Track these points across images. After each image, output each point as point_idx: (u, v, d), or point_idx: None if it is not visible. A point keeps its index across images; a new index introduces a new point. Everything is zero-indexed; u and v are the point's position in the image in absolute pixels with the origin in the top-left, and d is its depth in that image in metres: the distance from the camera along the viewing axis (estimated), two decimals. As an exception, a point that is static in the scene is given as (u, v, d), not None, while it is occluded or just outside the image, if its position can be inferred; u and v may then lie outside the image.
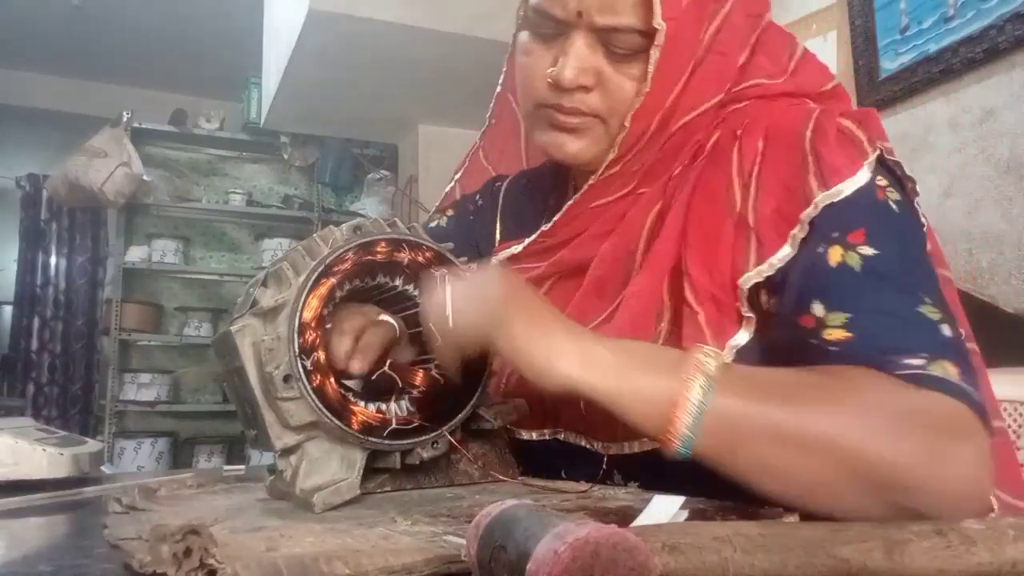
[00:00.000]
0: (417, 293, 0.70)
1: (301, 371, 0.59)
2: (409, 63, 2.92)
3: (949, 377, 0.57)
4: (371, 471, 0.65)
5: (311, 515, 0.57)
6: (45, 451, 0.80)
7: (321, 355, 0.61)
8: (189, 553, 0.39)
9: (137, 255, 4.34)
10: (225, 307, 4.60)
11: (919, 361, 0.57)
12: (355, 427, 0.62)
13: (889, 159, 0.69)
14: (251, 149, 4.78)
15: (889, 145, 0.69)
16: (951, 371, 0.57)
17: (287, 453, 0.62)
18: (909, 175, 0.70)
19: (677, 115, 0.73)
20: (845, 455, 0.54)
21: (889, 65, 1.76)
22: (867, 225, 0.64)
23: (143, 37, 4.34)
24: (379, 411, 0.64)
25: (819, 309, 0.63)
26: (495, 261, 0.89)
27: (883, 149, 0.68)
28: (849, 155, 0.67)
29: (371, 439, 0.62)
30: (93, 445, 0.89)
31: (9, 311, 5.07)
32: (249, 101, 4.36)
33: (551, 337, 0.58)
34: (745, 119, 0.73)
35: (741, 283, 0.66)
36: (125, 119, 4.14)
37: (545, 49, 0.74)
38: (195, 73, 4.69)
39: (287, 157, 4.58)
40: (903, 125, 1.73)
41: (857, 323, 0.61)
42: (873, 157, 0.67)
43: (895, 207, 0.66)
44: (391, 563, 0.41)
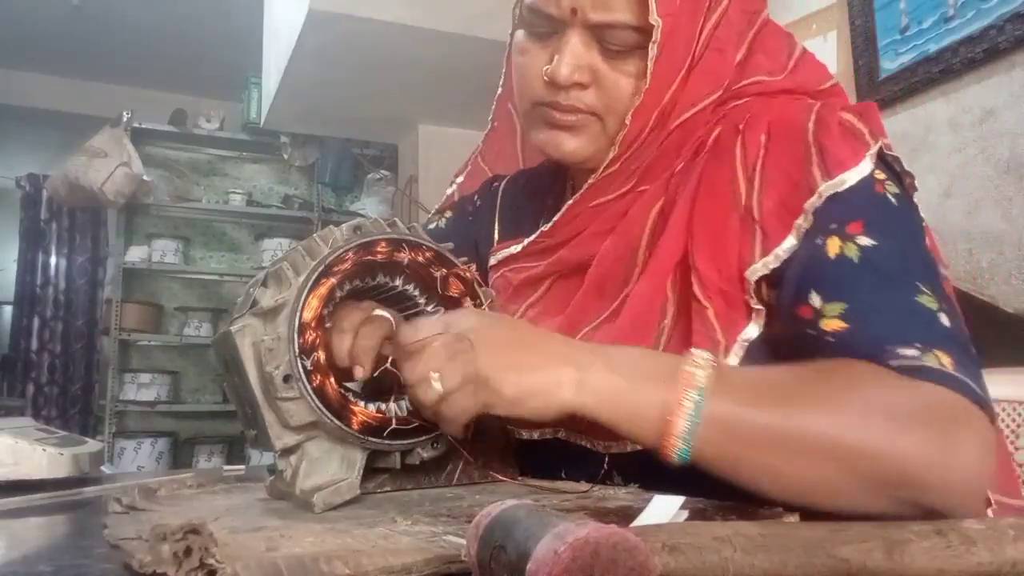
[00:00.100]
0: (417, 293, 0.70)
1: (301, 371, 0.59)
2: (409, 63, 2.92)
3: (943, 367, 0.57)
4: (371, 471, 0.65)
5: (311, 515, 0.57)
6: (45, 451, 0.80)
7: (321, 355, 0.61)
8: (189, 553, 0.39)
9: (137, 255, 4.34)
10: (225, 307, 4.60)
11: (913, 352, 0.57)
12: (355, 427, 0.62)
13: (888, 154, 0.69)
14: (251, 149, 4.78)
15: (888, 141, 0.70)
16: (945, 361, 0.57)
17: (287, 453, 0.62)
18: (907, 170, 0.71)
19: (676, 112, 0.73)
20: (846, 455, 0.54)
21: (889, 65, 1.76)
22: (866, 216, 0.64)
23: (143, 37, 4.34)
24: (379, 411, 0.64)
25: (817, 300, 0.63)
26: (494, 261, 0.89)
27: (883, 144, 0.68)
28: (852, 146, 0.67)
29: (371, 439, 0.62)
30: (93, 445, 0.89)
31: (9, 311, 5.07)
32: (249, 101, 4.36)
33: (538, 372, 0.57)
34: (746, 115, 0.73)
35: (748, 275, 0.67)
36: (125, 119, 4.14)
37: (540, 47, 0.74)
38: (195, 73, 4.69)
39: (287, 157, 4.58)
40: (903, 125, 1.73)
41: (853, 313, 0.61)
42: (875, 148, 0.67)
43: (894, 200, 0.67)
44: (391, 563, 0.41)
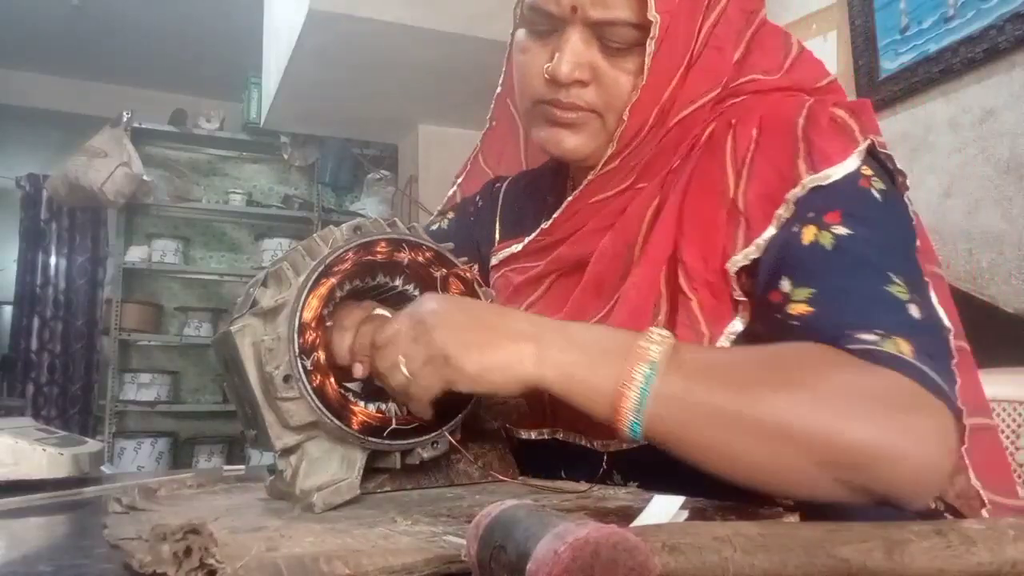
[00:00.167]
0: (417, 293, 0.70)
1: (301, 371, 0.59)
2: (409, 63, 2.92)
3: (902, 354, 0.57)
4: (371, 471, 0.65)
5: (311, 515, 0.57)
6: (45, 451, 0.80)
7: (321, 355, 0.61)
8: (189, 553, 0.39)
9: (137, 255, 4.34)
10: (225, 307, 4.60)
11: (873, 337, 0.57)
12: (355, 427, 0.62)
13: (881, 152, 0.69)
14: (251, 149, 4.78)
15: (882, 139, 0.70)
16: (905, 348, 0.57)
17: (287, 453, 0.62)
18: (900, 168, 0.71)
19: (675, 109, 0.74)
20: (794, 435, 0.54)
21: (889, 65, 1.76)
22: (844, 207, 0.64)
23: (143, 37, 4.34)
24: (379, 411, 0.64)
25: (786, 285, 0.63)
26: (495, 261, 0.89)
27: (875, 141, 0.68)
28: (840, 142, 0.67)
29: (371, 439, 0.62)
30: (93, 445, 0.89)
31: (9, 311, 5.06)
32: (249, 101, 4.35)
33: (499, 348, 0.58)
34: (741, 111, 0.74)
35: (728, 266, 0.67)
36: (125, 119, 4.13)
37: (541, 46, 0.74)
38: (195, 73, 4.69)
39: (287, 157, 4.58)
40: (903, 125, 1.73)
41: (819, 298, 0.61)
42: (864, 146, 0.67)
43: (877, 195, 0.67)
44: (391, 563, 0.41)
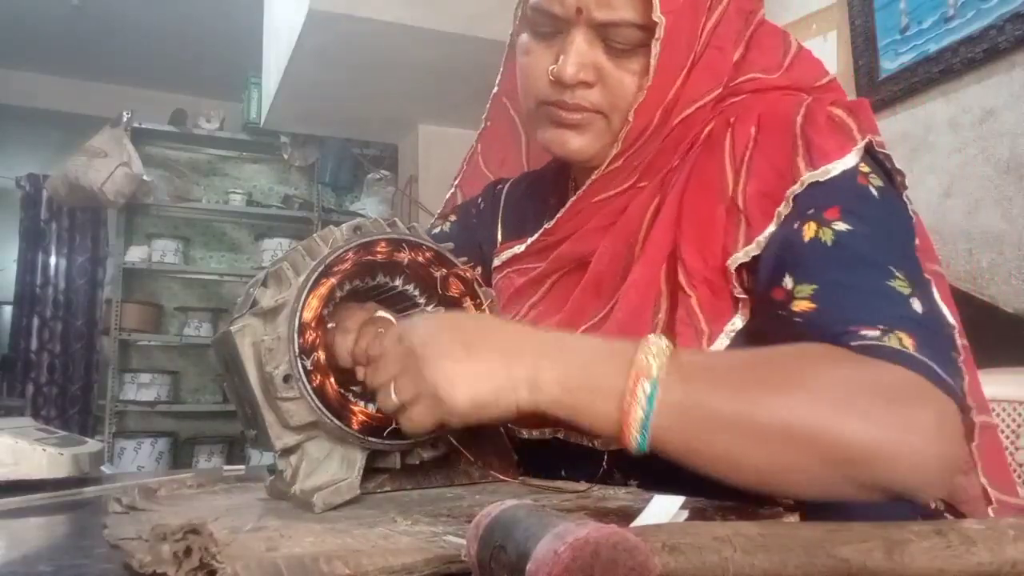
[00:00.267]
0: (417, 293, 0.70)
1: (301, 371, 0.59)
2: (409, 63, 2.92)
3: (904, 348, 0.57)
4: (371, 471, 0.65)
5: (311, 515, 0.57)
6: (45, 451, 0.80)
7: (321, 355, 0.61)
8: (189, 553, 0.39)
9: (137, 255, 4.33)
10: (225, 307, 4.60)
11: (875, 332, 0.57)
12: (355, 427, 0.62)
13: (879, 151, 0.69)
14: (251, 149, 4.77)
15: (880, 138, 0.70)
16: (907, 342, 0.57)
17: (287, 453, 0.62)
18: (898, 168, 0.71)
19: (678, 109, 0.74)
20: (799, 437, 0.53)
21: (889, 65, 1.76)
22: (843, 203, 0.65)
23: (143, 37, 4.33)
24: (379, 411, 0.64)
25: (789, 282, 0.64)
26: (498, 262, 0.89)
27: (873, 141, 0.69)
28: (838, 140, 0.68)
29: (371, 439, 0.62)
30: (93, 445, 0.88)
31: (9, 311, 5.06)
32: (249, 101, 4.35)
33: (491, 379, 0.56)
34: (740, 110, 0.74)
35: (729, 263, 0.67)
36: (125, 119, 4.13)
37: (545, 47, 0.75)
38: (195, 73, 4.68)
39: (287, 157, 4.58)
40: (903, 125, 1.73)
41: (822, 295, 0.62)
42: (862, 144, 0.68)
43: (875, 192, 0.67)
44: (391, 563, 0.41)
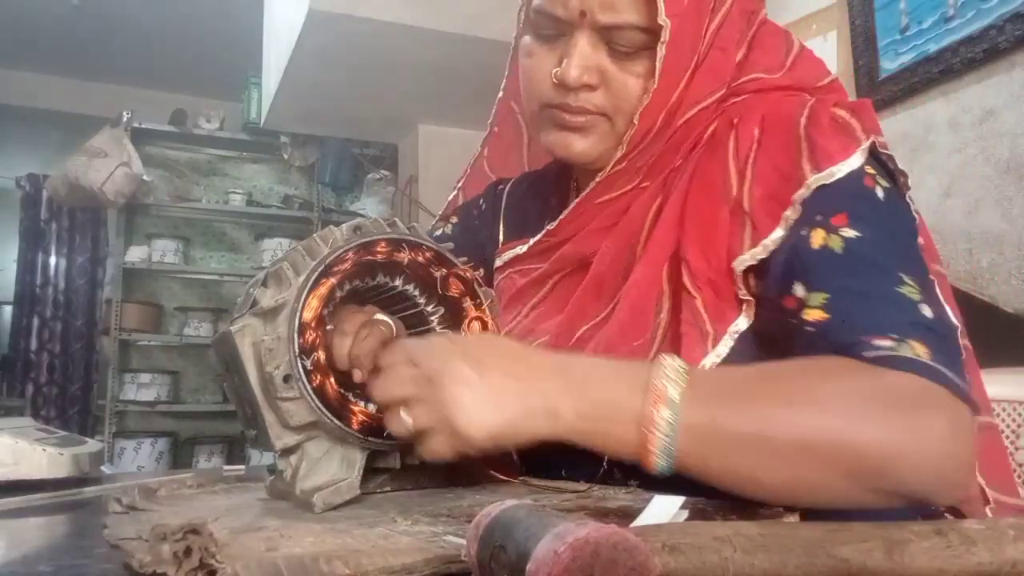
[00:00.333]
0: (417, 293, 0.70)
1: (301, 371, 0.59)
2: (409, 63, 2.92)
3: (919, 357, 0.57)
4: (371, 471, 0.65)
5: (311, 515, 0.57)
6: (45, 451, 0.80)
7: (321, 355, 0.61)
8: (189, 553, 0.39)
9: (137, 255, 4.33)
10: (225, 307, 4.60)
11: (889, 343, 0.58)
12: (355, 427, 0.62)
13: (882, 152, 0.69)
14: (251, 149, 4.77)
15: (883, 139, 0.70)
16: (920, 351, 0.58)
17: (287, 453, 0.62)
18: (901, 169, 0.71)
19: (681, 111, 0.74)
20: (819, 452, 0.55)
21: (889, 65, 1.76)
22: (850, 209, 0.65)
23: (143, 37, 4.34)
24: (379, 411, 0.64)
25: (800, 290, 0.64)
26: (500, 262, 0.89)
27: (876, 141, 0.69)
28: (842, 141, 0.68)
29: (371, 439, 0.62)
30: (93, 445, 0.88)
31: (9, 311, 5.06)
32: (249, 101, 4.35)
33: (509, 410, 0.56)
34: (742, 110, 0.74)
35: (735, 266, 0.67)
36: (125, 119, 4.13)
37: (548, 50, 0.75)
38: (195, 73, 4.68)
39: (287, 157, 4.58)
40: (903, 125, 1.73)
41: (834, 304, 0.62)
42: (867, 144, 0.68)
43: (881, 194, 0.67)
44: (391, 563, 0.41)
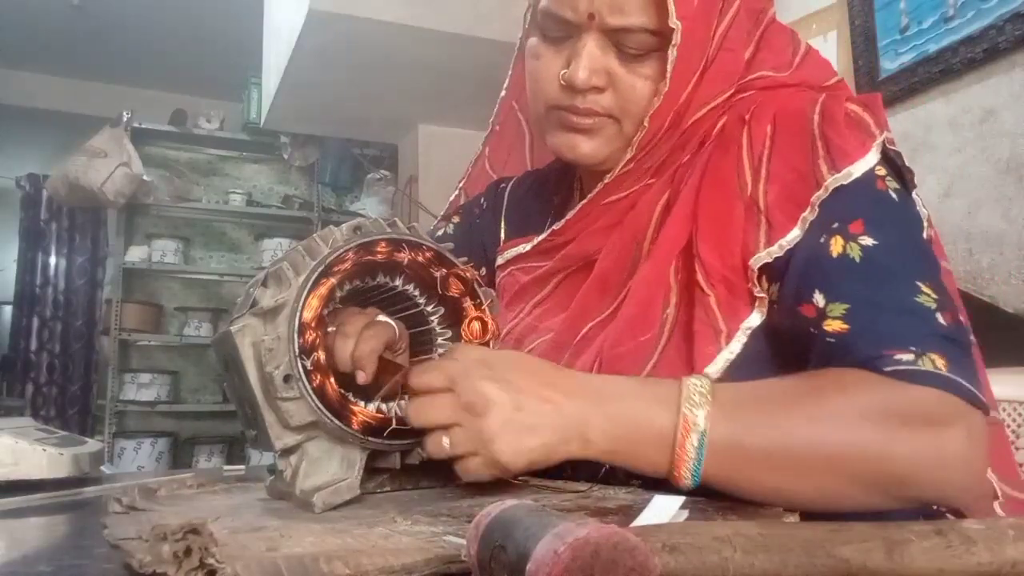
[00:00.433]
0: (417, 293, 0.70)
1: (301, 371, 0.59)
2: (409, 63, 2.92)
3: (938, 370, 0.59)
4: (371, 471, 0.65)
5: (311, 515, 0.57)
6: (45, 451, 0.80)
7: (321, 355, 0.61)
8: (189, 553, 0.39)
9: (137, 255, 4.34)
10: (225, 307, 4.60)
11: (908, 356, 0.59)
12: (355, 427, 0.62)
13: (891, 149, 0.70)
14: (251, 149, 4.77)
15: (891, 135, 0.70)
16: (940, 363, 0.59)
17: (287, 453, 0.62)
18: (908, 166, 0.71)
19: (690, 112, 0.74)
20: (843, 466, 0.58)
21: (889, 65, 1.76)
22: (866, 215, 0.65)
23: (143, 37, 4.34)
24: (379, 411, 0.64)
25: (820, 299, 0.64)
26: (501, 260, 0.89)
27: (886, 137, 0.69)
28: (857, 137, 0.68)
29: (371, 439, 0.62)
30: (93, 445, 0.88)
31: (9, 311, 5.07)
32: (249, 101, 4.35)
33: (545, 436, 0.58)
34: (751, 106, 0.74)
35: (752, 263, 0.68)
36: (125, 119, 4.13)
37: (556, 52, 0.74)
38: (195, 73, 4.68)
39: (287, 157, 4.58)
40: (903, 125, 1.73)
41: (854, 315, 0.62)
42: (880, 139, 0.68)
43: (894, 195, 0.68)
44: (391, 563, 0.41)
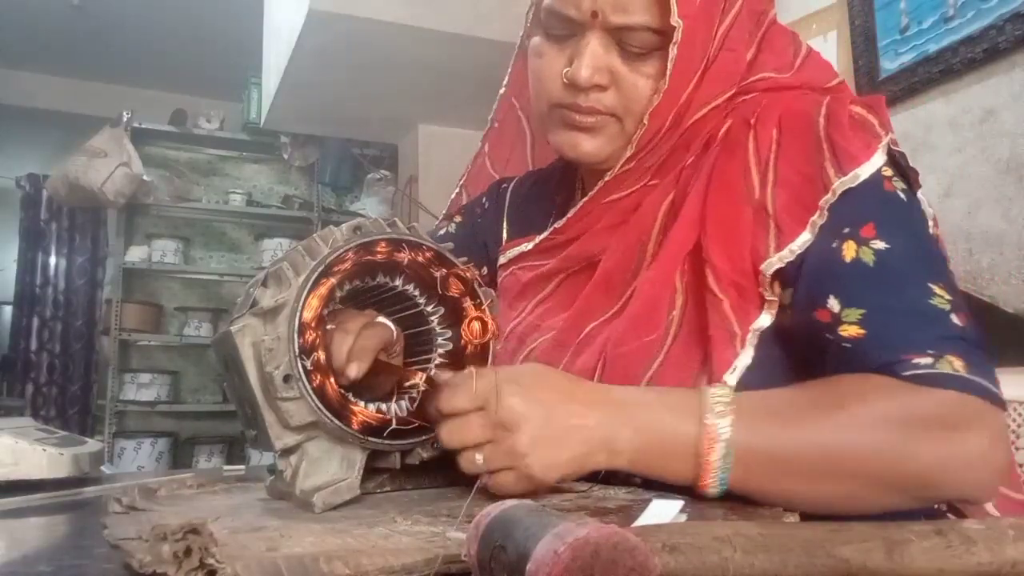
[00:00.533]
0: (417, 293, 0.70)
1: (301, 371, 0.59)
2: (409, 63, 2.92)
3: (956, 372, 0.59)
4: (371, 471, 0.65)
5: (311, 515, 0.57)
6: (45, 451, 0.80)
7: (321, 355, 0.61)
8: (189, 553, 0.39)
9: (137, 255, 4.34)
10: (225, 307, 4.60)
11: (927, 360, 0.60)
12: (355, 427, 0.62)
13: (895, 149, 0.70)
14: (251, 149, 4.77)
15: (895, 136, 0.70)
16: (958, 365, 0.59)
17: (287, 453, 0.62)
18: (912, 166, 0.71)
19: (691, 111, 0.74)
20: (866, 471, 0.59)
21: (889, 65, 1.76)
22: (876, 218, 0.66)
23: (143, 37, 4.33)
24: (379, 411, 0.64)
25: (835, 305, 0.65)
26: (503, 260, 0.89)
27: (890, 138, 0.69)
28: (863, 139, 0.68)
29: (371, 439, 0.62)
30: (93, 445, 0.88)
31: (9, 311, 5.06)
32: (249, 101, 4.35)
33: (575, 450, 0.60)
34: (756, 108, 0.74)
35: (764, 269, 0.68)
36: (125, 119, 4.13)
37: (559, 50, 0.75)
38: (195, 73, 4.68)
39: (287, 157, 4.58)
40: (903, 125, 1.73)
41: (870, 320, 0.63)
42: (886, 140, 0.68)
43: (902, 195, 0.68)
44: (391, 563, 0.41)
